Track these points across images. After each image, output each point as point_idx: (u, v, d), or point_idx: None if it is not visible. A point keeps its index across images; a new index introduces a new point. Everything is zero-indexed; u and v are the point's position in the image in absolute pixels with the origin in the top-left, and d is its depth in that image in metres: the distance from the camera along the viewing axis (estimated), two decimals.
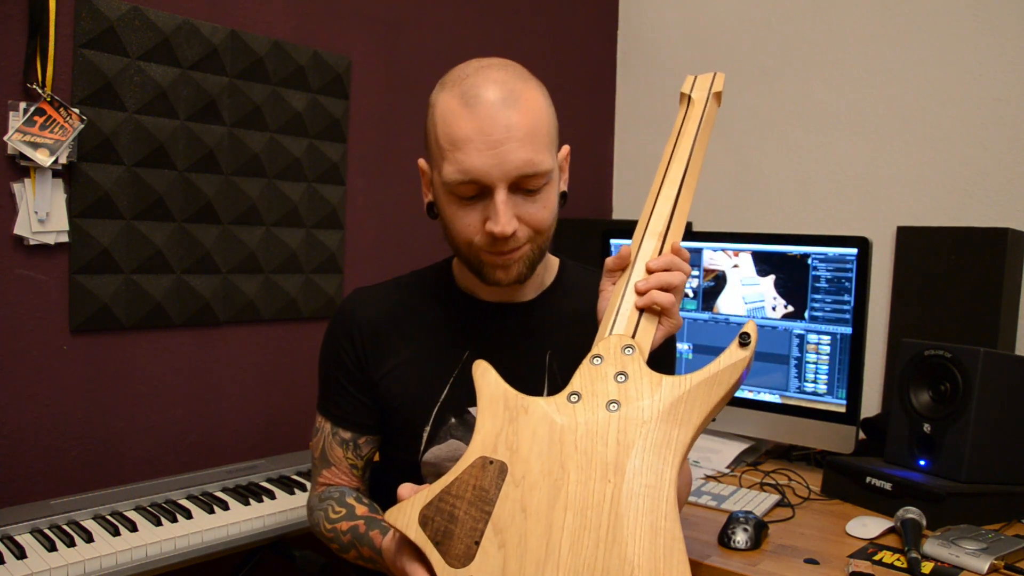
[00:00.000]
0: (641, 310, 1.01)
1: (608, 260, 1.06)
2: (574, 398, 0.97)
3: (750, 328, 0.96)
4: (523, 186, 1.04)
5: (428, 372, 1.17)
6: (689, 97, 1.18)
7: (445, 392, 1.16)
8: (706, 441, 1.84)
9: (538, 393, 1.15)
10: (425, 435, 1.15)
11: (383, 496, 1.26)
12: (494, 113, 1.01)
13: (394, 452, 1.22)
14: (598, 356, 0.99)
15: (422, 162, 1.15)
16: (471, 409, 1.14)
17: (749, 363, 0.96)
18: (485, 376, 1.01)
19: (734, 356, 0.95)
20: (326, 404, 1.23)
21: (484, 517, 0.91)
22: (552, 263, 1.25)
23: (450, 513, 0.92)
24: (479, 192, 1.03)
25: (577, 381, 0.98)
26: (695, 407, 0.93)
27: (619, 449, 0.92)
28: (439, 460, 1.15)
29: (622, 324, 1.01)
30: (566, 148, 1.17)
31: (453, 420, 1.15)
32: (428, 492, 0.95)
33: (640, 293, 1.01)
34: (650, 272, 1.02)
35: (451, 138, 1.02)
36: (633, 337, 1.00)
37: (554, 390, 1.15)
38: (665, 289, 1.00)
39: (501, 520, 0.90)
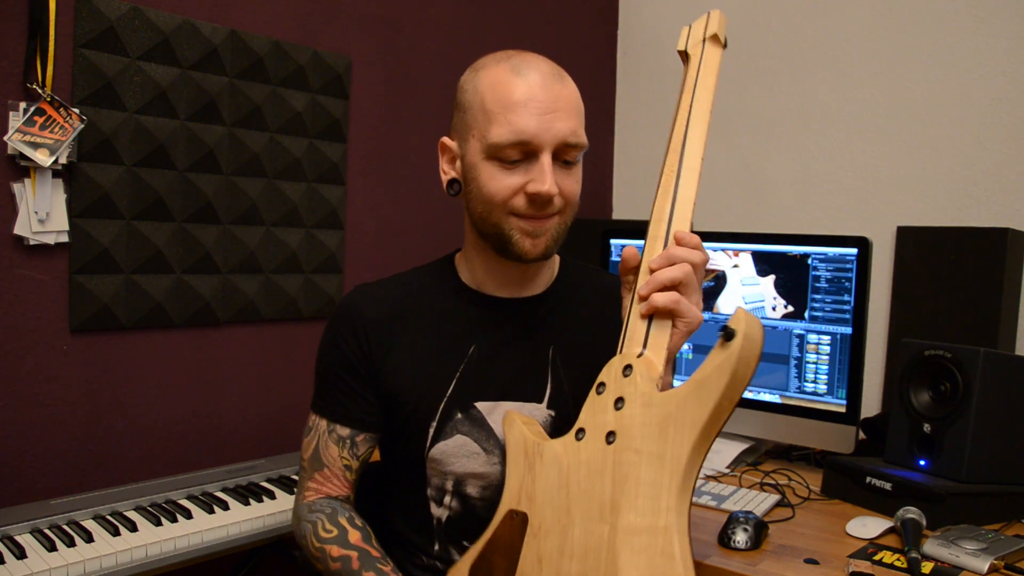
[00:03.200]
0: (650, 317, 0.96)
1: (620, 265, 1.03)
2: (580, 435, 0.94)
3: (734, 321, 0.87)
4: (563, 156, 1.09)
5: (434, 366, 1.16)
6: (686, 53, 1.07)
7: (452, 387, 1.15)
8: None
9: (542, 389, 1.16)
10: (432, 430, 1.14)
11: (383, 497, 1.25)
12: (546, 83, 1.07)
13: (399, 449, 1.20)
14: (602, 383, 0.95)
15: (445, 140, 1.17)
16: (477, 404, 1.14)
17: (749, 357, 0.86)
18: (511, 427, 1.03)
19: (718, 357, 0.87)
20: (323, 401, 1.21)
21: (512, 568, 0.93)
22: (554, 259, 1.25)
23: (487, 569, 0.96)
24: (523, 156, 1.07)
25: (583, 415, 0.95)
26: (686, 423, 0.87)
27: (614, 486, 0.89)
28: (445, 456, 1.14)
29: (632, 338, 0.96)
30: None
31: (459, 415, 1.14)
32: (474, 548, 0.99)
33: (643, 298, 0.97)
34: (652, 272, 0.98)
35: (503, 102, 1.06)
36: (644, 348, 0.94)
37: (557, 386, 1.16)
38: (669, 287, 0.95)
39: (524, 572, 0.92)
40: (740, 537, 1.29)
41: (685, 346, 1.86)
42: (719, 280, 1.84)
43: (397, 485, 1.22)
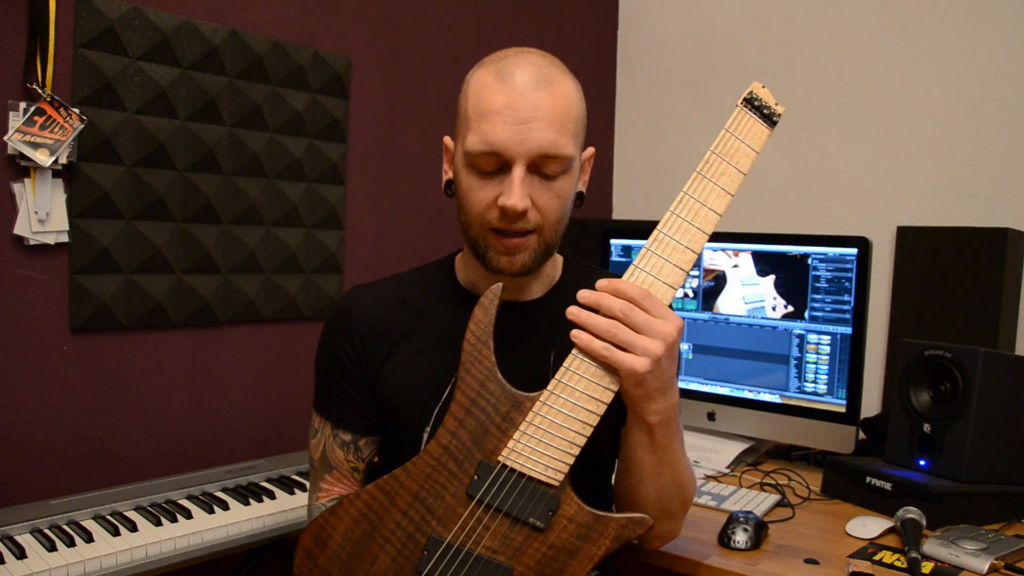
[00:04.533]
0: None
1: None
2: None
3: None
4: (542, 168, 1.05)
5: (429, 371, 1.15)
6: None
7: (447, 392, 1.13)
8: (706, 441, 1.84)
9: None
10: (425, 436, 1.13)
11: None
12: (526, 91, 1.03)
13: (393, 454, 1.19)
14: None
15: (447, 139, 1.16)
16: None
17: None
18: None
19: None
20: (324, 405, 1.21)
21: None
22: (557, 261, 1.23)
23: None
24: (498, 167, 1.04)
25: None
26: None
27: None
28: None
29: None
30: (591, 149, 1.18)
31: None
32: None
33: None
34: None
35: (480, 109, 1.04)
36: None
37: None
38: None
39: None
40: (740, 537, 1.29)
41: (685, 346, 1.87)
42: (719, 280, 1.84)
43: None
